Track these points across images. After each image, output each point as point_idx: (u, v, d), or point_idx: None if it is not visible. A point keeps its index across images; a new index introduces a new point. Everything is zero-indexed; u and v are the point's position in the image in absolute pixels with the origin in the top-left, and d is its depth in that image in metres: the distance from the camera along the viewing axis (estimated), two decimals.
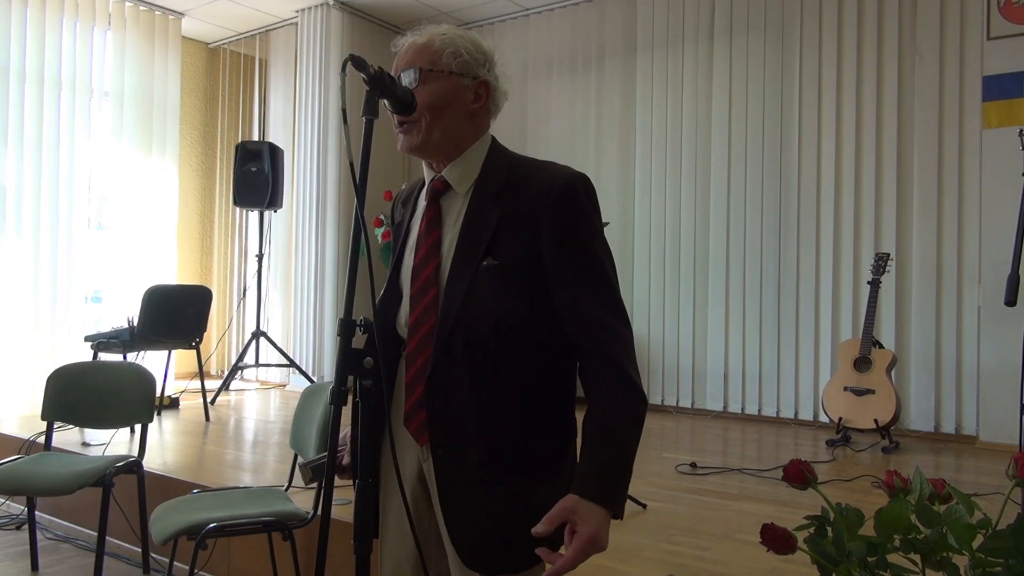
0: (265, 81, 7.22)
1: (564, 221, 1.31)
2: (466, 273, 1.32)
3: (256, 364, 6.18)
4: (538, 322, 1.32)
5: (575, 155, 6.02)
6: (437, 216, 1.40)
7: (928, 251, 4.76)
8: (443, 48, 1.35)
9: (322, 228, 6.47)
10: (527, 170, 1.38)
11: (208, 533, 2.28)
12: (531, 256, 1.31)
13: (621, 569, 2.39)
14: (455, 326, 1.30)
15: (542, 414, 1.34)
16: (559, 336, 1.33)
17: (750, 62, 5.41)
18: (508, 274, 1.31)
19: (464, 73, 1.35)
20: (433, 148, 1.37)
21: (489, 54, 1.40)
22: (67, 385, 3.21)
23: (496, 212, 1.33)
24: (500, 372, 1.31)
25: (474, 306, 1.30)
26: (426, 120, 1.34)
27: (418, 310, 1.36)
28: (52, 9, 5.74)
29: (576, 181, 1.33)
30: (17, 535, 3.64)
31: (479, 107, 1.38)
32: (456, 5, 6.37)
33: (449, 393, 1.31)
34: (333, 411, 1.28)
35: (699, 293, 5.55)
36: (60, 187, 5.75)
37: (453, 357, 1.31)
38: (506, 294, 1.31)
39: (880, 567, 0.83)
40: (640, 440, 1.30)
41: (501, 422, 1.31)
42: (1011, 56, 4.45)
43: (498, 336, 1.30)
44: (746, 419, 5.30)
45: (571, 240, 1.31)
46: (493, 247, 1.31)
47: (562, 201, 1.31)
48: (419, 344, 1.35)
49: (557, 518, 1.20)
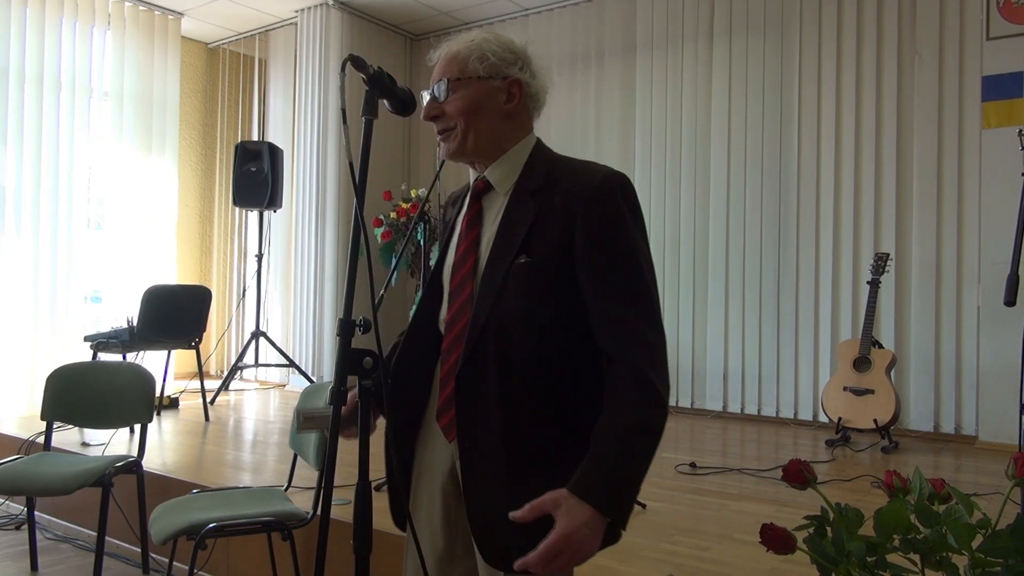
0: (264, 81, 7.22)
1: (597, 220, 1.28)
2: (500, 270, 1.31)
3: (256, 364, 6.18)
4: (570, 322, 1.30)
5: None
6: (478, 214, 1.41)
7: (928, 251, 4.76)
8: (469, 55, 1.36)
9: (322, 228, 6.47)
10: (565, 169, 1.38)
11: (207, 533, 2.28)
12: (564, 254, 1.29)
13: (621, 569, 2.39)
14: (487, 323, 1.30)
15: (572, 416, 1.30)
16: (592, 338, 1.30)
17: (750, 62, 5.41)
18: (540, 272, 1.29)
19: (493, 75, 1.36)
20: (472, 152, 1.39)
21: (520, 52, 1.40)
22: (67, 385, 3.20)
23: (532, 210, 1.33)
24: (529, 371, 1.29)
25: (505, 303, 1.30)
26: (461, 126, 1.36)
27: (455, 307, 1.37)
28: (52, 9, 5.74)
29: (612, 180, 1.31)
30: (17, 535, 3.64)
31: (514, 106, 1.38)
32: (456, 5, 6.36)
33: (478, 390, 1.30)
34: (333, 411, 1.28)
35: (699, 293, 5.55)
36: (60, 187, 5.74)
37: (484, 354, 1.29)
38: (537, 292, 1.29)
39: (880, 567, 0.83)
40: (654, 453, 1.23)
41: (528, 422, 1.28)
42: (1010, 56, 4.45)
43: (528, 334, 1.29)
44: (746, 419, 5.29)
45: (603, 239, 1.28)
46: (527, 244, 1.30)
47: (596, 199, 1.29)
48: (454, 340, 1.35)
49: (540, 507, 1.16)
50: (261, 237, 6.19)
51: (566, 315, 1.30)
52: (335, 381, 1.28)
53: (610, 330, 1.27)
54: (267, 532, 2.52)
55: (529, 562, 1.14)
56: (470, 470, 1.31)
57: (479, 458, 1.30)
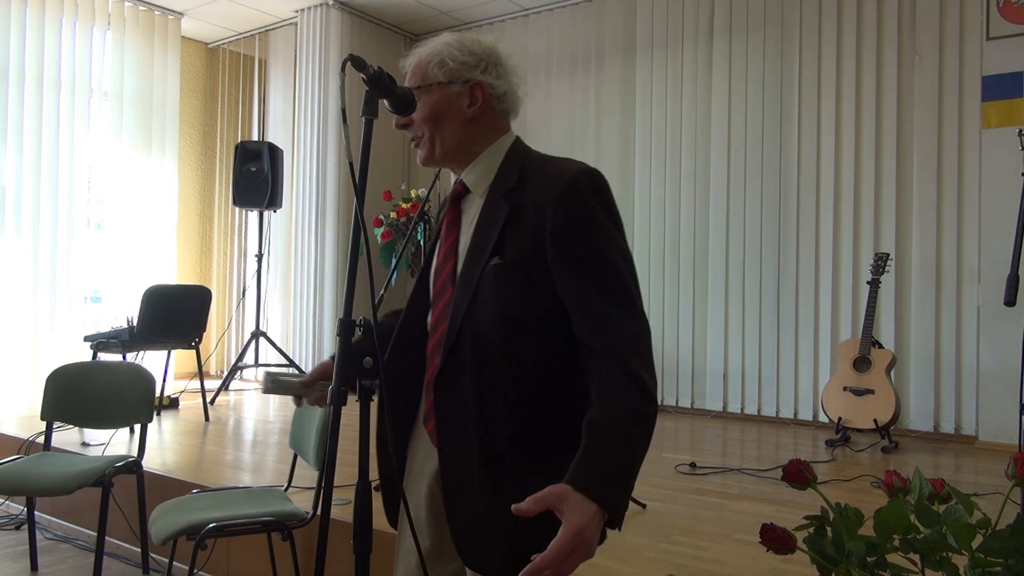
0: (264, 81, 7.22)
1: (567, 217, 1.26)
2: (474, 273, 1.31)
3: (256, 364, 6.18)
4: (545, 323, 1.29)
5: (574, 155, 5.89)
6: (456, 218, 1.42)
7: (927, 251, 4.76)
8: (429, 61, 1.37)
9: (322, 228, 6.47)
10: (538, 167, 1.37)
11: (207, 533, 2.28)
12: (537, 253, 1.28)
13: (621, 569, 2.39)
14: (461, 327, 1.30)
15: (549, 418, 1.29)
16: (570, 338, 1.28)
17: (750, 62, 5.41)
18: (512, 272, 1.29)
19: (453, 80, 1.36)
20: (442, 158, 1.40)
21: (484, 54, 1.38)
22: (66, 385, 3.21)
23: (504, 211, 1.32)
24: (505, 372, 1.28)
25: (479, 306, 1.29)
26: (427, 134, 1.38)
27: (436, 311, 1.38)
28: (52, 9, 5.74)
29: (582, 176, 1.29)
30: (16, 535, 3.64)
31: (478, 109, 1.37)
32: (456, 5, 6.36)
33: (456, 393, 1.30)
34: (333, 411, 1.28)
35: (699, 293, 5.55)
36: (60, 187, 5.74)
37: (460, 358, 1.30)
38: (510, 293, 1.28)
39: (879, 567, 0.83)
40: (647, 447, 1.20)
41: (505, 424, 1.28)
42: (1010, 56, 4.45)
43: (502, 335, 1.28)
44: (745, 419, 5.30)
45: (575, 236, 1.26)
46: (500, 246, 1.30)
47: (565, 196, 1.27)
48: (437, 344, 1.35)
49: (544, 501, 1.13)
50: (261, 237, 6.19)
51: (541, 316, 1.29)
52: (335, 381, 1.28)
53: (591, 324, 1.25)
54: (267, 532, 2.52)
55: (544, 562, 1.09)
56: (449, 475, 1.32)
57: (457, 460, 1.31)
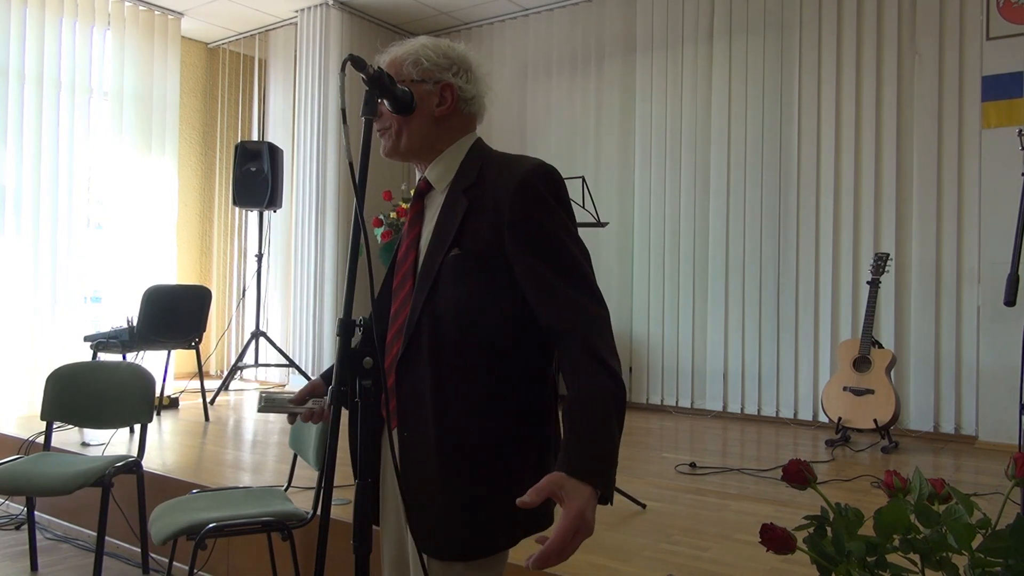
0: (264, 81, 7.22)
1: (521, 208, 1.32)
2: (434, 264, 1.37)
3: (255, 364, 6.18)
4: (501, 312, 1.34)
5: (575, 155, 6.02)
6: (419, 213, 1.49)
7: (927, 251, 4.76)
8: (404, 59, 1.43)
9: (321, 228, 6.47)
10: (496, 164, 1.43)
11: (207, 533, 2.28)
12: (495, 246, 1.33)
13: (621, 569, 2.39)
14: (421, 315, 1.36)
15: (506, 404, 1.35)
16: (529, 327, 1.34)
17: (750, 62, 5.41)
18: (471, 263, 1.35)
19: (426, 79, 1.42)
20: (405, 151, 1.46)
21: (457, 59, 1.45)
22: (66, 385, 3.21)
23: (463, 205, 1.38)
24: (463, 359, 1.34)
25: (439, 295, 1.36)
26: (395, 127, 1.43)
27: (397, 302, 1.44)
28: (52, 9, 5.74)
29: (537, 170, 1.36)
30: (16, 535, 3.64)
31: (446, 109, 1.43)
32: (456, 5, 6.37)
33: (414, 378, 1.37)
34: (333, 411, 1.28)
35: (699, 293, 5.55)
36: (59, 187, 5.74)
37: (419, 344, 1.36)
38: (469, 283, 1.35)
39: (879, 567, 0.83)
40: (623, 429, 1.25)
41: (461, 409, 1.33)
42: (1010, 56, 4.45)
43: (460, 323, 1.34)
44: (745, 419, 5.30)
45: (531, 223, 1.32)
46: (459, 238, 1.36)
47: (520, 190, 1.33)
48: (396, 332, 1.42)
49: (544, 491, 1.17)
50: (261, 237, 6.20)
51: (499, 305, 1.35)
52: (335, 381, 1.29)
53: (554, 307, 1.29)
54: (267, 532, 2.52)
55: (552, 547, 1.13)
56: (407, 456, 1.37)
57: (415, 444, 1.36)
